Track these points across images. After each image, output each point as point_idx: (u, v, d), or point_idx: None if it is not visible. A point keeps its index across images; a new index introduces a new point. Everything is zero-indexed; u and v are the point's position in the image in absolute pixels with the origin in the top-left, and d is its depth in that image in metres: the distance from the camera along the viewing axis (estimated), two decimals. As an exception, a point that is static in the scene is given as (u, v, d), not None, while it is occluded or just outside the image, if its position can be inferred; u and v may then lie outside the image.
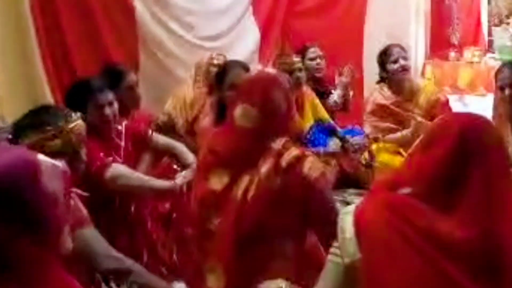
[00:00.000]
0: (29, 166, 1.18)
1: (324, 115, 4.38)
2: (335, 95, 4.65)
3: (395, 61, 4.16)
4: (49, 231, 1.18)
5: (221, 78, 3.24)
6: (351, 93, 4.70)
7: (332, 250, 1.50)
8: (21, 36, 4.16)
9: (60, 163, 1.27)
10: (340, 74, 4.60)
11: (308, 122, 4.24)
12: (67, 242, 1.28)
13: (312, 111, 4.32)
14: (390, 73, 4.19)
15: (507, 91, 3.23)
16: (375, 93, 4.30)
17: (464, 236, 1.34)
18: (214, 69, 4.21)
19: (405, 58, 4.23)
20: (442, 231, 1.35)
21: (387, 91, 4.22)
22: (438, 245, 1.34)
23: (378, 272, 1.38)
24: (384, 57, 4.23)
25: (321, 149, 4.03)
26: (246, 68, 3.24)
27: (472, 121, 1.46)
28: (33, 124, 2.08)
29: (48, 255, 1.16)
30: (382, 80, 4.29)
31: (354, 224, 1.43)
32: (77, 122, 2.16)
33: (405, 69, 4.21)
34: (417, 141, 1.52)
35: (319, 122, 4.31)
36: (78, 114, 2.20)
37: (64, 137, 2.08)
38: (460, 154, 1.39)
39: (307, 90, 4.35)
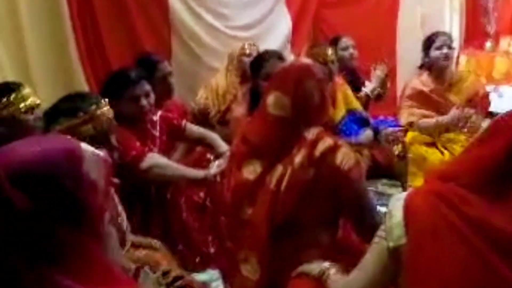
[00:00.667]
0: (70, 154, 1.16)
1: (356, 105, 4.34)
2: (368, 88, 4.63)
3: (439, 48, 4.08)
4: (90, 218, 1.18)
5: (256, 68, 3.23)
6: (388, 84, 4.74)
7: (378, 233, 1.52)
8: (56, 25, 4.21)
9: (101, 152, 1.28)
10: (375, 69, 4.61)
11: (340, 112, 4.21)
12: (108, 230, 1.29)
13: (344, 101, 4.28)
14: (432, 60, 4.12)
15: None
16: (414, 79, 4.24)
17: None
18: (246, 59, 4.23)
19: (449, 47, 4.15)
20: (494, 222, 1.34)
21: (426, 78, 4.15)
22: (487, 236, 1.33)
23: (422, 258, 1.38)
24: (428, 43, 4.16)
25: (352, 139, 4.00)
26: (281, 59, 3.23)
27: None
28: (64, 110, 2.09)
29: (90, 242, 1.16)
30: (423, 66, 4.22)
31: (403, 209, 1.44)
32: (106, 107, 2.17)
33: (447, 57, 4.14)
34: (474, 137, 1.52)
35: (351, 112, 4.28)
36: (106, 99, 2.22)
37: (95, 122, 2.09)
38: None
39: (339, 80, 4.32)
